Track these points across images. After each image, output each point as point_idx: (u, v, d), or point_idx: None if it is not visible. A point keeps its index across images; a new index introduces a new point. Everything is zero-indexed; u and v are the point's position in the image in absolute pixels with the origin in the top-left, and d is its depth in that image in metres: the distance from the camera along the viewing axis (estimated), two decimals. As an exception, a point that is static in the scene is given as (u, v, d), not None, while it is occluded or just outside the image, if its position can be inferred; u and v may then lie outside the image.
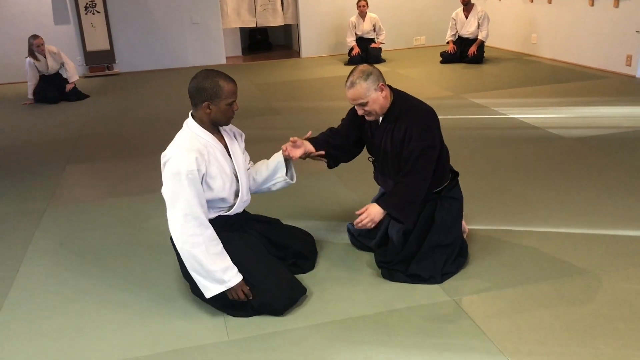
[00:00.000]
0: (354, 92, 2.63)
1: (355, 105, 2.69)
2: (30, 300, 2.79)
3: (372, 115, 2.70)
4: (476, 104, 6.09)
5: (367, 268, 2.89)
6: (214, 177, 2.51)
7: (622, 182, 3.84)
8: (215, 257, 2.43)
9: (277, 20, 10.01)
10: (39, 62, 7.24)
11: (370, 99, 2.63)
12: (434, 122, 2.67)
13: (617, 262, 2.85)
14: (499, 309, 2.51)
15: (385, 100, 2.67)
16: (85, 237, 3.45)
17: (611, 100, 6.01)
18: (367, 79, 2.60)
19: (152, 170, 4.60)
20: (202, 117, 2.54)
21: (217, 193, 2.54)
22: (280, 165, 2.76)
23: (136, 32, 9.25)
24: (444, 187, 2.81)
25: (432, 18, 10.13)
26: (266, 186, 2.82)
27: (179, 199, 2.40)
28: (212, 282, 2.43)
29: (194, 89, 2.50)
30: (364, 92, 2.61)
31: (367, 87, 2.60)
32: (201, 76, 2.50)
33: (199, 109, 2.52)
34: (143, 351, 2.36)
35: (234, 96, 2.51)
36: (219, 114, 2.51)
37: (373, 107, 2.65)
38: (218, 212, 2.62)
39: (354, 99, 2.65)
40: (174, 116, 6.26)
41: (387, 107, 2.69)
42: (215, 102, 2.48)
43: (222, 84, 2.47)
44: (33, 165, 4.88)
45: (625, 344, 2.25)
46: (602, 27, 7.39)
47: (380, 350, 2.27)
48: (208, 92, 2.46)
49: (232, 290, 2.46)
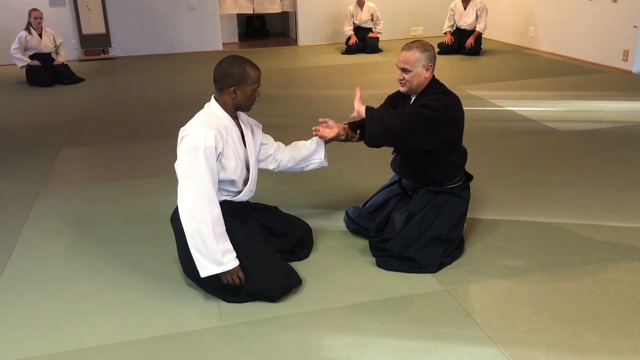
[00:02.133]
0: (407, 56, 2.73)
1: (399, 67, 2.77)
2: (22, 283, 2.78)
3: (406, 86, 2.78)
4: (472, 95, 6.09)
5: (361, 256, 2.91)
6: (229, 157, 2.55)
7: (616, 176, 3.87)
8: (218, 237, 2.45)
9: (275, 7, 9.96)
10: (31, 36, 7.20)
11: (415, 70, 2.73)
12: (449, 105, 2.71)
13: (610, 254, 2.87)
14: (491, 299, 2.52)
15: (425, 80, 2.77)
16: (79, 220, 3.44)
17: (607, 94, 6.03)
18: (423, 52, 2.73)
19: (148, 154, 4.59)
20: (226, 101, 2.59)
21: (229, 174, 2.57)
22: (320, 147, 2.90)
23: (132, 16, 9.18)
24: (456, 185, 2.87)
25: (430, 8, 10.10)
26: (300, 166, 2.94)
27: (193, 173, 2.43)
28: (210, 262, 2.44)
29: (221, 74, 2.55)
30: (415, 60, 2.71)
31: (419, 58, 2.72)
32: (228, 62, 2.55)
33: (224, 94, 2.57)
34: (135, 335, 2.36)
35: (258, 82, 2.59)
36: (243, 99, 2.58)
37: (412, 79, 2.75)
38: (225, 196, 2.64)
39: (403, 61, 2.74)
40: (170, 101, 6.24)
41: (422, 87, 2.79)
42: (242, 87, 2.54)
43: (249, 70, 2.54)
44: (27, 148, 4.85)
45: (615, 334, 2.27)
46: (600, 21, 7.40)
47: (374, 339, 2.29)
48: (235, 77, 2.52)
49: (228, 274, 2.47)
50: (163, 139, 4.96)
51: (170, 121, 5.47)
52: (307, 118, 5.25)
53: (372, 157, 4.12)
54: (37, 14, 7.21)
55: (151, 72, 8.02)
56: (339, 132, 2.84)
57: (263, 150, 2.86)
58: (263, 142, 2.85)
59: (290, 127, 5.07)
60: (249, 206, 2.82)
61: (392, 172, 3.14)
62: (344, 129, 2.87)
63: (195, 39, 9.51)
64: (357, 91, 2.80)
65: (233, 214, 2.65)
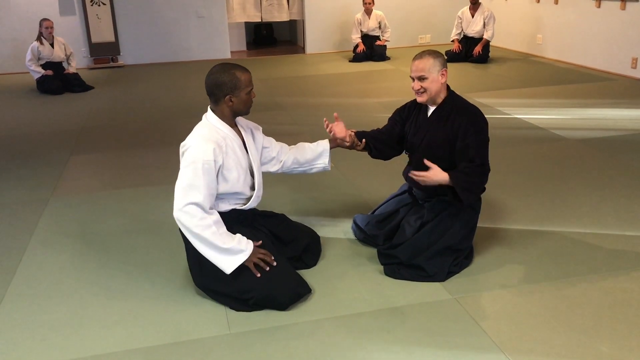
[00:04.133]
0: (421, 63, 2.73)
1: (415, 77, 2.77)
2: (32, 290, 2.80)
3: (425, 95, 2.78)
4: (480, 103, 6.08)
5: (369, 264, 2.90)
6: (230, 169, 2.56)
7: (625, 184, 3.84)
8: (225, 235, 2.48)
9: (283, 15, 10.00)
10: (43, 46, 7.28)
11: (431, 77, 2.73)
12: (486, 125, 2.79)
13: (618, 263, 2.85)
14: (500, 308, 2.51)
15: (442, 86, 2.78)
16: (88, 228, 3.46)
17: (616, 102, 6.01)
18: (435, 59, 2.73)
19: (156, 162, 4.61)
20: (224, 111, 2.60)
21: (232, 186, 2.59)
22: (325, 152, 2.95)
23: (141, 25, 9.25)
24: None
25: (437, 16, 10.12)
26: (304, 169, 2.98)
27: (192, 188, 2.45)
28: (231, 255, 2.46)
29: (213, 85, 2.55)
30: (430, 67, 2.72)
31: (433, 64, 2.72)
32: (217, 72, 2.55)
33: (220, 104, 2.58)
34: (143, 343, 2.36)
35: (251, 84, 2.59)
36: (240, 104, 2.59)
37: (430, 86, 2.75)
38: (234, 205, 2.65)
39: (418, 70, 2.74)
40: (178, 109, 6.28)
41: (440, 96, 2.80)
42: (236, 93, 2.55)
43: (239, 74, 2.54)
44: (37, 156, 4.89)
45: (625, 345, 2.25)
46: (609, 29, 7.38)
47: (381, 347, 2.28)
48: (228, 86, 2.53)
49: (253, 257, 2.49)
50: (171, 147, 4.97)
51: (178, 129, 5.49)
52: (315, 126, 5.26)
53: (381, 165, 4.10)
54: (48, 23, 7.29)
55: (160, 80, 8.07)
56: (345, 136, 2.89)
57: (265, 153, 2.87)
58: (265, 145, 2.86)
59: (298, 135, 5.07)
60: (257, 214, 2.82)
61: (400, 180, 3.14)
62: (350, 136, 2.91)
63: (204, 47, 9.57)
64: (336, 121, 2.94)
65: (242, 222, 2.66)
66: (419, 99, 2.82)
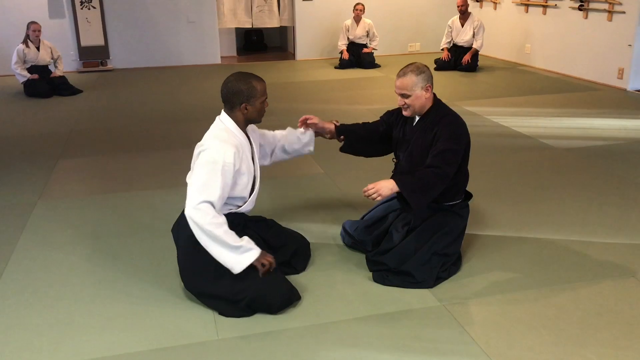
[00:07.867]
0: (403, 82, 2.76)
1: (398, 94, 2.80)
2: (18, 294, 2.77)
3: (409, 110, 2.81)
4: (469, 111, 6.13)
5: (358, 271, 2.90)
6: (243, 174, 2.63)
7: (611, 193, 3.89)
8: (235, 235, 2.50)
9: (273, 21, 10.02)
10: (29, 49, 7.22)
11: (414, 94, 2.75)
12: (463, 134, 2.80)
13: (607, 271, 2.88)
14: (488, 315, 2.53)
15: (426, 101, 2.79)
16: (75, 232, 3.44)
17: (602, 112, 6.08)
18: (418, 75, 2.74)
19: (145, 166, 4.59)
20: (238, 118, 2.66)
21: (240, 190, 2.65)
22: (311, 141, 3.10)
23: (131, 29, 9.22)
24: (457, 203, 2.90)
25: (427, 25, 10.18)
26: (290, 156, 3.12)
27: (208, 187, 2.48)
28: (242, 253, 2.48)
29: (230, 92, 2.61)
30: (412, 85, 2.74)
31: (415, 81, 2.74)
32: (234, 79, 2.61)
33: (235, 111, 2.64)
34: (131, 348, 2.35)
35: (265, 94, 2.67)
36: (254, 113, 2.66)
37: (414, 103, 2.77)
38: (229, 209, 2.68)
39: (401, 88, 2.77)
40: (167, 113, 6.24)
41: (426, 108, 2.82)
42: (252, 102, 2.62)
43: (256, 84, 2.61)
44: (25, 159, 4.84)
45: (611, 352, 2.27)
46: (595, 39, 7.47)
47: (370, 353, 2.28)
48: (244, 94, 2.59)
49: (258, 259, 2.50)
50: (160, 151, 4.97)
51: (167, 133, 5.48)
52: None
53: (370, 170, 4.13)
54: (35, 27, 7.22)
55: (149, 85, 8.05)
56: (324, 127, 3.04)
57: (262, 150, 2.95)
58: (261, 143, 2.94)
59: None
60: (247, 219, 2.83)
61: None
62: (330, 132, 3.06)
63: (194, 53, 9.55)
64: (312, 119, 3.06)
65: (235, 226, 2.66)
66: (404, 112, 2.85)
